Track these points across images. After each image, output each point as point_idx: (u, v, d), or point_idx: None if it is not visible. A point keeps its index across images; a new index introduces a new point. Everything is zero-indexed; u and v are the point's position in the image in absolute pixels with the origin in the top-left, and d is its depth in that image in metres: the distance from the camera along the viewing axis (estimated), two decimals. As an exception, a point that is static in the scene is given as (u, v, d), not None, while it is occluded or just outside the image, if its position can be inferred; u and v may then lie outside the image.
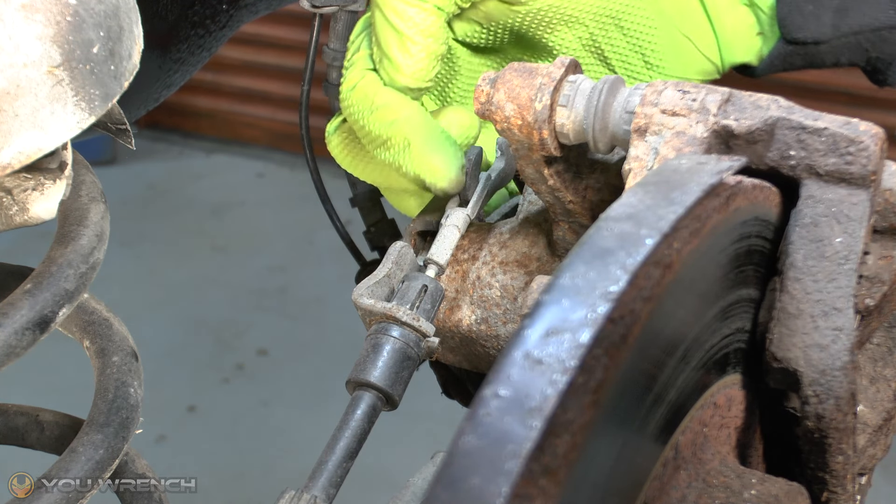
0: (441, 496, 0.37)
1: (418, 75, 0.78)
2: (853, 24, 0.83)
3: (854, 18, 0.82)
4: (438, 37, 0.78)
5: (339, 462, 0.67)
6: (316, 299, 3.50)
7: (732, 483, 0.54)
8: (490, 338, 0.76)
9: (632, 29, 0.84)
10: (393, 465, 2.23)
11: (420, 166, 0.75)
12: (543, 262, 0.75)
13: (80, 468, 0.66)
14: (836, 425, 0.55)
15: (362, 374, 0.70)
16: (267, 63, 4.29)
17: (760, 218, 0.55)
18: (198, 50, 1.15)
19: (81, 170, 0.68)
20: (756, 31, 0.85)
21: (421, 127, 0.76)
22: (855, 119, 0.56)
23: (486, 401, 0.39)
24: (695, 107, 0.60)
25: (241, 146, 4.48)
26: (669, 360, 0.48)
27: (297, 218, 3.86)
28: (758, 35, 0.85)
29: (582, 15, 0.83)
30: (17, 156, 0.56)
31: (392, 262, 0.76)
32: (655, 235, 0.44)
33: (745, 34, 0.85)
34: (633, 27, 0.84)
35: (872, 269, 0.59)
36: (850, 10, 0.82)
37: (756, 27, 0.85)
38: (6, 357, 0.57)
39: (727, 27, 0.85)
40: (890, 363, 0.65)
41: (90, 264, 0.63)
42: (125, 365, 0.72)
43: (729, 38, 0.85)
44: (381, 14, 0.78)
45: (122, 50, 0.62)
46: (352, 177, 1.09)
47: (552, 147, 0.66)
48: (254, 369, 3.23)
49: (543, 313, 0.41)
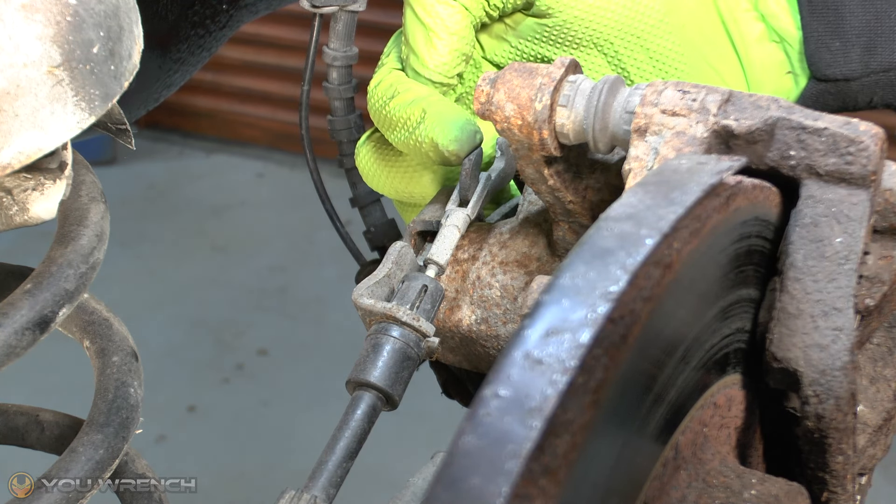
0: (441, 496, 0.37)
1: (441, 69, 0.81)
2: (883, 62, 0.83)
3: (883, 55, 0.82)
4: (464, 36, 0.81)
5: (339, 462, 0.67)
6: (316, 299, 3.50)
7: (732, 483, 0.54)
8: (490, 338, 0.76)
9: (658, 52, 0.84)
10: (393, 465, 2.22)
11: (433, 129, 0.76)
12: (543, 262, 0.75)
13: (80, 468, 0.66)
14: (836, 425, 0.55)
15: (362, 374, 0.70)
16: (267, 63, 4.29)
17: (760, 218, 0.55)
18: (198, 50, 1.15)
19: (81, 170, 0.68)
20: (786, 69, 0.84)
21: (437, 100, 0.79)
22: (855, 119, 0.56)
23: (486, 401, 0.39)
24: (695, 107, 0.60)
25: (241, 146, 4.48)
26: (669, 360, 0.48)
27: (297, 218, 3.86)
28: (788, 74, 0.85)
29: (607, 31, 0.83)
30: (17, 156, 0.56)
31: (392, 262, 0.76)
32: (655, 235, 0.44)
33: (775, 72, 0.85)
34: (660, 51, 0.84)
35: (872, 269, 0.59)
36: (879, 47, 0.82)
37: (786, 65, 0.84)
38: (6, 357, 0.57)
39: (755, 63, 0.84)
40: (890, 363, 0.65)
41: (90, 264, 0.63)
42: (125, 365, 0.72)
43: (758, 75, 0.84)
44: (411, 10, 0.81)
45: (122, 50, 0.62)
46: (352, 176, 1.09)
47: (552, 147, 0.66)
48: (254, 369, 3.23)
49: (543, 313, 0.41)
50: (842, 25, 0.82)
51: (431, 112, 0.77)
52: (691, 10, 0.83)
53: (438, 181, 0.84)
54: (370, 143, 0.88)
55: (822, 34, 0.82)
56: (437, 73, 0.81)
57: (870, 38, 0.82)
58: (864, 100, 0.86)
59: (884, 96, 0.85)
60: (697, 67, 0.85)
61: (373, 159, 0.87)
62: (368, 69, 0.87)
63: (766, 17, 0.83)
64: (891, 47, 0.82)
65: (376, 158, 0.87)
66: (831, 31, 0.82)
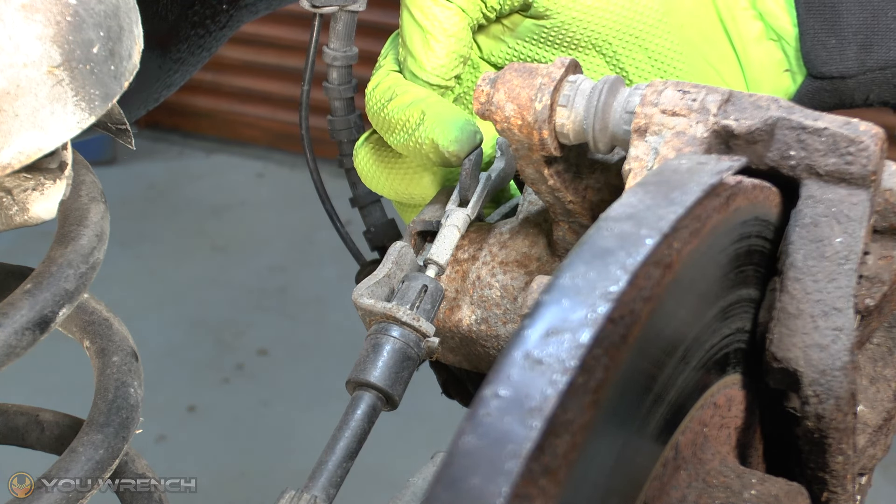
0: (441, 496, 0.37)
1: (439, 72, 0.81)
2: (879, 60, 0.82)
3: (880, 53, 0.82)
4: (461, 38, 0.81)
5: (339, 462, 0.67)
6: (316, 299, 3.50)
7: (732, 483, 0.54)
8: (490, 338, 0.76)
9: (657, 52, 0.84)
10: (393, 465, 2.22)
11: (433, 130, 0.76)
12: (543, 262, 0.75)
13: (80, 468, 0.66)
14: (836, 425, 0.55)
15: (362, 374, 0.70)
16: (267, 63, 4.28)
17: (760, 218, 0.55)
18: (198, 50, 1.15)
19: (81, 170, 0.68)
20: (784, 67, 0.84)
21: (436, 101, 0.79)
22: (855, 119, 0.56)
23: (486, 401, 0.39)
24: (695, 107, 0.60)
25: (241, 146, 4.48)
26: (669, 360, 0.48)
27: (297, 218, 3.86)
28: (785, 72, 0.84)
29: (606, 31, 0.83)
30: (17, 156, 0.56)
31: (392, 262, 0.76)
32: (655, 235, 0.44)
33: (773, 71, 0.85)
34: (659, 51, 0.84)
35: (872, 269, 0.59)
36: (875, 45, 0.82)
37: (784, 63, 0.84)
38: (6, 357, 0.57)
39: (754, 62, 0.84)
40: (890, 363, 0.65)
41: (90, 264, 0.63)
42: (125, 365, 0.72)
43: (756, 73, 0.84)
44: (408, 12, 0.81)
45: (122, 50, 0.62)
46: (352, 176, 1.09)
47: (552, 147, 0.66)
48: (254, 369, 3.23)
49: (543, 313, 0.41)
50: (838, 23, 0.82)
51: (431, 113, 0.77)
52: (690, 9, 0.83)
53: (438, 182, 0.84)
54: (368, 144, 0.88)
55: (819, 32, 0.82)
56: (435, 75, 0.81)
57: (866, 36, 0.82)
58: (861, 97, 0.86)
59: (880, 94, 0.85)
60: (696, 67, 0.84)
61: (372, 161, 0.87)
62: (368, 69, 0.87)
63: (764, 15, 0.83)
64: (887, 45, 0.82)
65: (375, 160, 0.87)
66: (828, 28, 0.82)
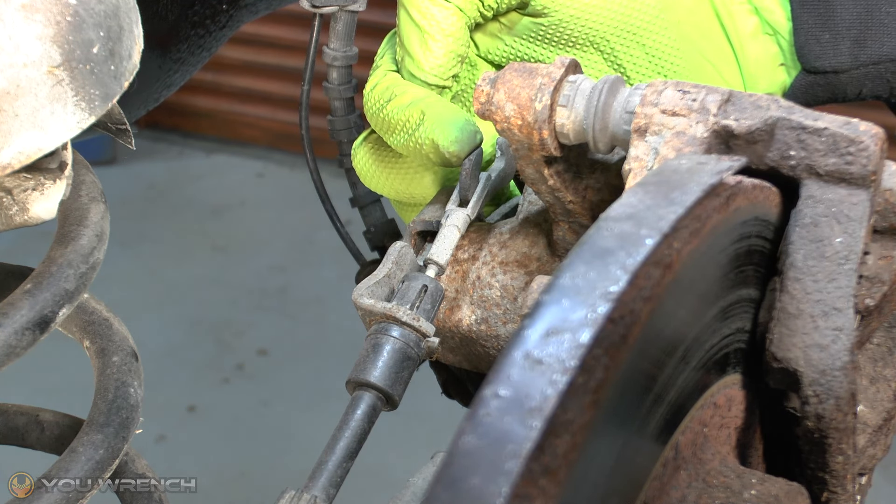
0: (441, 496, 0.37)
1: (437, 71, 0.80)
2: (872, 55, 0.82)
3: (873, 48, 0.82)
4: (459, 37, 0.80)
5: (339, 462, 0.67)
6: (316, 299, 3.50)
7: (732, 483, 0.54)
8: (490, 338, 0.76)
9: (655, 48, 0.84)
10: (393, 465, 2.23)
11: (433, 130, 0.76)
12: (543, 262, 0.75)
13: (80, 468, 0.66)
14: (836, 425, 0.55)
15: (362, 374, 0.70)
16: (267, 63, 4.29)
17: (760, 218, 0.55)
18: (198, 50, 1.15)
19: (81, 170, 0.68)
20: (779, 61, 0.84)
21: (436, 102, 0.79)
22: (855, 119, 0.56)
23: (486, 401, 0.39)
24: (695, 107, 0.60)
25: (241, 146, 4.48)
26: (669, 360, 0.48)
27: (297, 218, 3.86)
28: (781, 66, 0.85)
29: (604, 29, 0.83)
30: (17, 156, 0.56)
31: (392, 262, 0.76)
32: (655, 235, 0.44)
33: (769, 65, 0.85)
34: (656, 47, 0.84)
35: (872, 269, 0.59)
36: (869, 39, 0.82)
37: (779, 57, 0.84)
38: (6, 357, 0.57)
39: (750, 57, 0.84)
40: (890, 363, 0.65)
41: (90, 264, 0.63)
42: (125, 365, 0.72)
43: (752, 68, 0.84)
44: (406, 12, 0.81)
45: (122, 50, 0.62)
46: (352, 176, 1.09)
47: (552, 147, 0.66)
48: (254, 369, 3.23)
49: (543, 313, 0.41)
50: (832, 18, 0.82)
51: (430, 113, 0.77)
52: (687, 5, 0.83)
53: (438, 182, 0.84)
54: (367, 144, 0.88)
55: (812, 26, 0.82)
56: (433, 74, 0.81)
57: (860, 31, 0.82)
58: (854, 92, 0.86)
59: (873, 88, 0.85)
60: (693, 63, 0.85)
61: (371, 161, 0.87)
62: (368, 69, 0.87)
63: (760, 9, 0.83)
64: (880, 40, 0.82)
65: (374, 160, 0.87)
66: (821, 23, 0.82)
